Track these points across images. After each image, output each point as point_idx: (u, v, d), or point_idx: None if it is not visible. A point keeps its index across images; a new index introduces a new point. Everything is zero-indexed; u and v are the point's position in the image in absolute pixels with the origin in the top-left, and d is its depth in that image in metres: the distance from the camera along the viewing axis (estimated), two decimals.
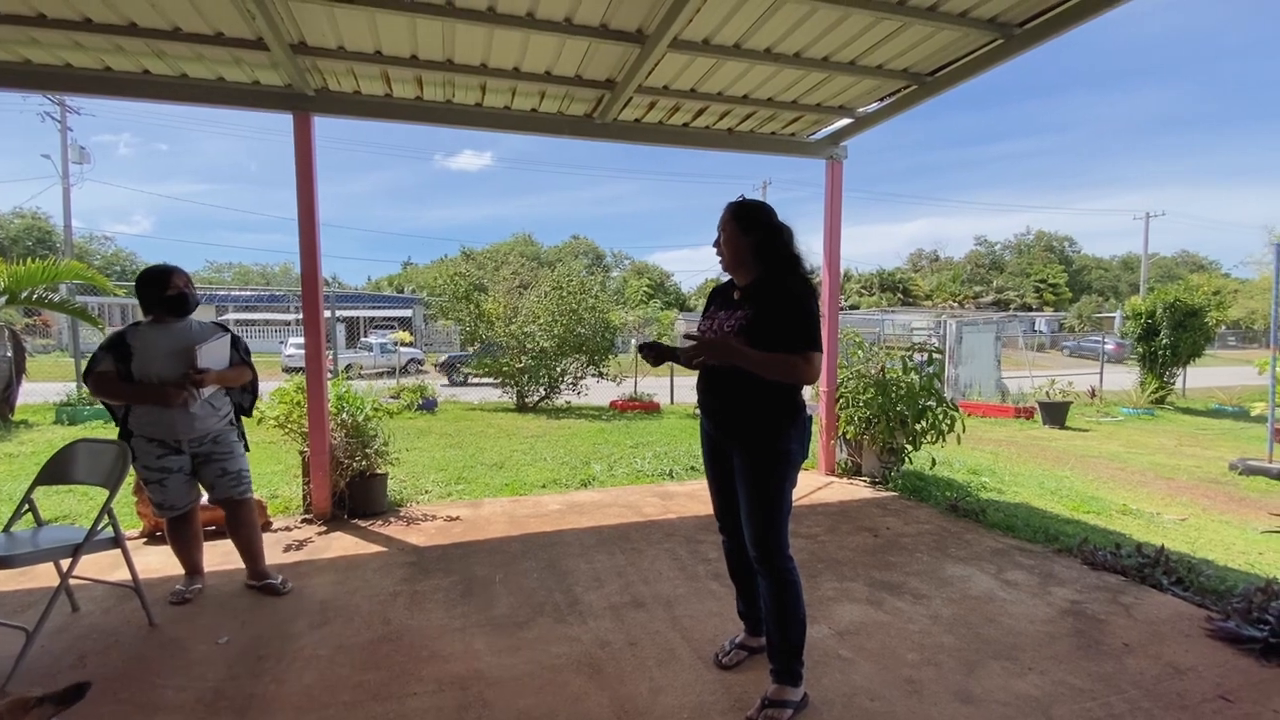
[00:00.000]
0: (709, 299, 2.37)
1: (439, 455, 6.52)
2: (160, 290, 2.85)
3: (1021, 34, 3.56)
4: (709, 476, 2.37)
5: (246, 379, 3.09)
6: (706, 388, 2.24)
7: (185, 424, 2.84)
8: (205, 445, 2.94)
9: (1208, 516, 5.05)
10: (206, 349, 2.85)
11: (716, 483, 2.34)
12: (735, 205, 2.22)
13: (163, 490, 2.89)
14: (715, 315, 2.25)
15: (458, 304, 11.61)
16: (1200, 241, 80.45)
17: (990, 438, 8.66)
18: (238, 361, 3.06)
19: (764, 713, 2.06)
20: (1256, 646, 2.50)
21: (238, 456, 3.05)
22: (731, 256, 2.20)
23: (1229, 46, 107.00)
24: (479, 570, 3.34)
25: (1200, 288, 13.56)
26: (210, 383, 2.87)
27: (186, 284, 2.93)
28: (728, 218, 2.21)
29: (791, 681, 2.11)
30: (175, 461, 2.88)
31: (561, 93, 4.34)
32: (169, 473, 2.87)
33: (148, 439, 2.83)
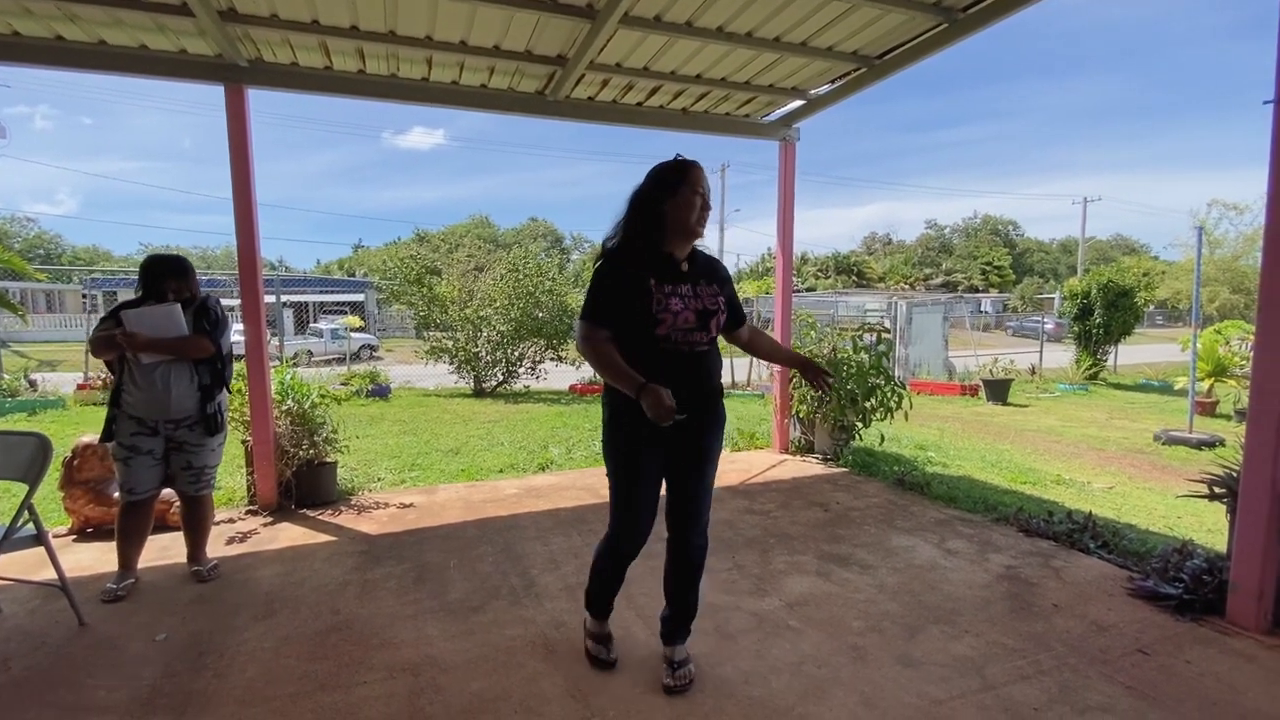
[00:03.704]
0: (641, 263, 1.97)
1: (392, 442, 6.38)
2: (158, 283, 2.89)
3: (964, 18, 3.63)
4: (647, 481, 2.05)
5: (205, 352, 2.89)
6: (691, 378, 2.00)
7: (162, 403, 2.80)
8: (180, 431, 2.87)
9: (1133, 484, 5.37)
10: (139, 313, 2.76)
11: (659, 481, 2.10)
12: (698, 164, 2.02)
13: (126, 469, 2.83)
14: (677, 288, 1.97)
15: (410, 288, 11.33)
16: (1133, 225, 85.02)
17: (937, 414, 8.99)
18: (202, 332, 2.90)
19: (679, 673, 2.13)
20: (1172, 603, 2.68)
21: (206, 452, 2.97)
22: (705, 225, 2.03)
23: (1163, 38, 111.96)
24: (433, 557, 3.29)
25: (1131, 269, 14.31)
26: (144, 348, 2.75)
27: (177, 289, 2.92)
28: (705, 177, 2.02)
29: (688, 637, 2.23)
30: (147, 443, 2.83)
31: (511, 68, 4.23)
32: (136, 453, 2.82)
33: (129, 416, 2.82)
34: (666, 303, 1.93)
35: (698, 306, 1.99)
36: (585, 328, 1.98)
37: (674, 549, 2.18)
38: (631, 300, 1.93)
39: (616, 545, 2.14)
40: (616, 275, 1.95)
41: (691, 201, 1.96)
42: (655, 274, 1.96)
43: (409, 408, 8.86)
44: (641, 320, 1.93)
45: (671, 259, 2.02)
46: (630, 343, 1.95)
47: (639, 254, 1.98)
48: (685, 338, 1.97)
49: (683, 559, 2.17)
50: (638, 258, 1.98)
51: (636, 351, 1.95)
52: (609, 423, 2.06)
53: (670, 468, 2.09)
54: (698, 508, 2.13)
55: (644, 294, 1.92)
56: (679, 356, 1.97)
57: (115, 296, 20.87)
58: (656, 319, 1.92)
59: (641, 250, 1.99)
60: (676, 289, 1.97)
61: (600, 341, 1.96)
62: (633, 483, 2.04)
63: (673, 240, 2.01)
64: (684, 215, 1.96)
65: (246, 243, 3.93)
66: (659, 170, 2.02)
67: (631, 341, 1.95)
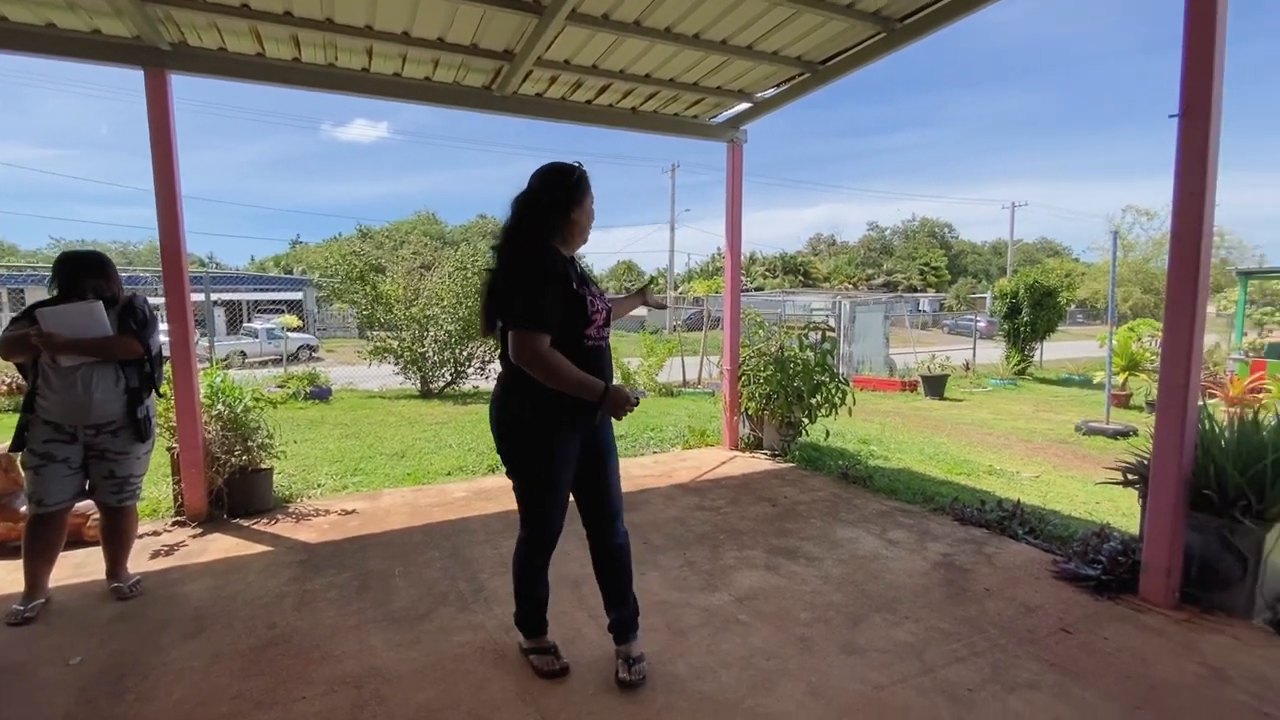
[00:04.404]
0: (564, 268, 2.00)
1: (334, 446, 6.15)
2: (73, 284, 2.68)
3: (902, 28, 3.77)
4: (562, 484, 2.08)
5: (133, 353, 2.71)
6: (608, 370, 2.08)
7: (83, 407, 2.62)
8: (103, 438, 2.69)
9: (1057, 473, 5.70)
10: (56, 312, 2.58)
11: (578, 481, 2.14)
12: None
13: (37, 479, 2.63)
14: (593, 291, 2.06)
15: (352, 285, 10.94)
16: (1057, 229, 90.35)
17: (879, 409, 9.31)
18: (129, 332, 2.71)
19: (635, 668, 2.14)
20: (1091, 583, 2.86)
21: (132, 460, 2.79)
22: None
23: (1083, 54, 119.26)
24: (376, 564, 3.19)
25: (1054, 271, 15.21)
26: (62, 349, 2.56)
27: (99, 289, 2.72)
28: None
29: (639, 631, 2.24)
30: (63, 450, 2.64)
31: (457, 62, 4.14)
32: (50, 460, 2.62)
33: (43, 421, 2.63)
34: (595, 303, 2.02)
35: (605, 305, 2.10)
36: (533, 338, 1.87)
37: (598, 552, 2.21)
38: (568, 304, 1.95)
39: (535, 551, 2.16)
40: (555, 280, 1.94)
41: (590, 211, 2.09)
42: (574, 278, 2.01)
43: (351, 410, 8.56)
44: (577, 323, 1.98)
45: (573, 263, 2.09)
46: (561, 346, 1.95)
47: (557, 259, 1.99)
48: (600, 334, 2.05)
49: (609, 560, 2.20)
50: (558, 262, 1.99)
51: (569, 353, 1.95)
52: (529, 426, 2.01)
53: (579, 468, 2.12)
54: (613, 506, 2.18)
55: (576, 296, 1.97)
56: (599, 352, 2.05)
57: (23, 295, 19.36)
58: (590, 319, 2.00)
59: (556, 255, 2.00)
60: (589, 290, 2.05)
61: (550, 351, 1.91)
62: (552, 486, 2.06)
63: (571, 245, 2.08)
64: (587, 223, 2.08)
65: (170, 237, 3.71)
66: (560, 177, 2.03)
67: (563, 345, 1.95)
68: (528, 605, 2.24)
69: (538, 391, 1.93)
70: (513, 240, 2.01)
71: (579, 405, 1.95)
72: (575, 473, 2.12)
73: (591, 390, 1.91)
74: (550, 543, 2.16)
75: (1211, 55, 2.41)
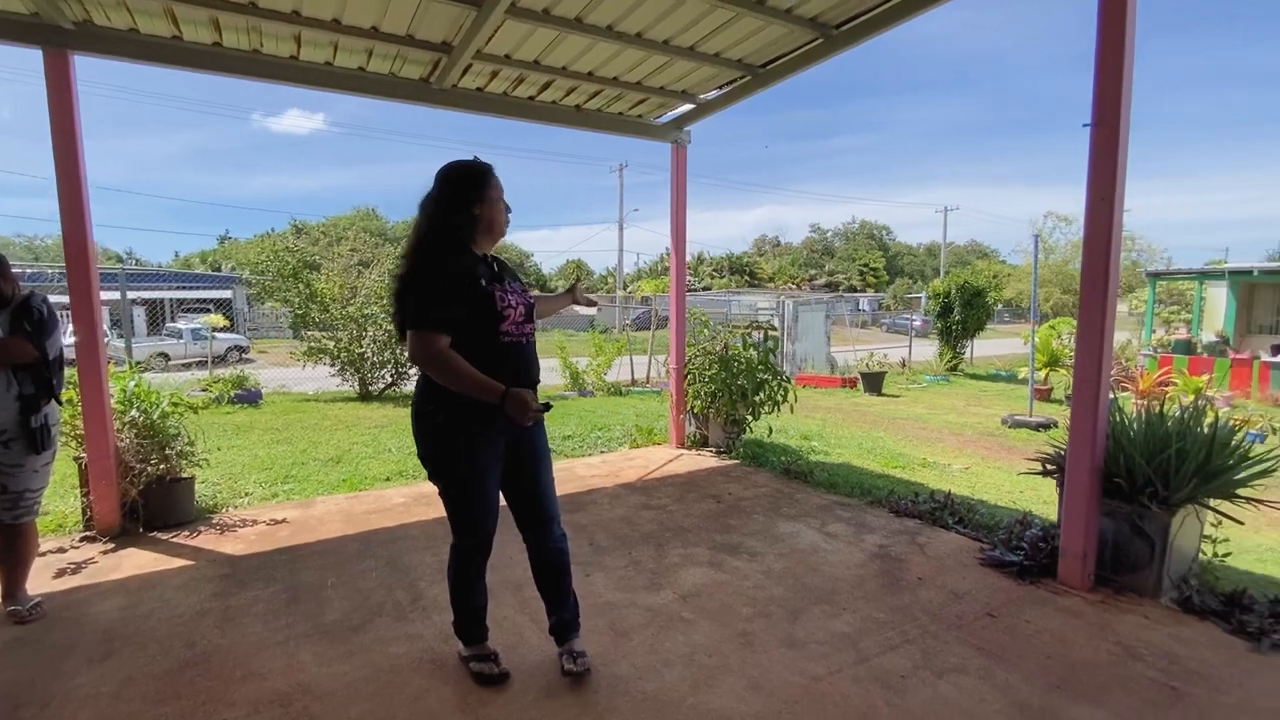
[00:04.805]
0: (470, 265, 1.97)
1: (263, 453, 5.86)
2: None
3: (838, 35, 3.87)
4: (487, 486, 2.03)
5: (26, 357, 2.49)
6: (529, 368, 2.05)
7: None
8: None
9: (985, 464, 5.99)
10: None
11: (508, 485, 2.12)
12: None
13: None
14: (508, 288, 2.03)
15: (284, 283, 10.44)
16: (986, 232, 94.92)
17: (821, 405, 9.56)
18: (21, 333, 2.49)
19: (580, 660, 2.15)
20: (1015, 569, 3.01)
21: (28, 473, 2.57)
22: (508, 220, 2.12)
23: (1009, 66, 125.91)
24: (308, 575, 3.05)
25: (983, 272, 16.01)
26: None
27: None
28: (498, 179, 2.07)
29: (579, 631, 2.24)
30: None
31: (392, 52, 4.00)
32: None
33: None
34: (507, 299, 1.98)
35: (523, 301, 2.06)
36: (425, 339, 1.84)
37: (536, 557, 2.19)
38: (472, 301, 1.91)
39: (467, 558, 2.11)
40: (451, 279, 1.89)
41: (496, 206, 2.02)
42: (484, 275, 1.97)
43: (284, 414, 8.17)
44: (486, 320, 1.93)
45: (487, 259, 2.05)
46: (472, 345, 1.91)
47: (465, 257, 1.96)
48: (519, 330, 2.02)
49: (547, 564, 2.19)
50: (466, 261, 1.96)
51: (479, 352, 1.91)
52: (443, 430, 1.97)
53: (508, 472, 2.10)
54: (547, 508, 2.17)
55: (484, 294, 1.93)
56: (518, 349, 2.01)
57: None
58: (502, 315, 1.96)
59: (465, 253, 1.98)
60: (503, 286, 2.02)
61: (446, 351, 1.87)
62: (475, 489, 2.02)
63: (482, 242, 2.04)
64: (493, 216, 2.02)
65: (75, 230, 3.44)
66: (460, 174, 2.01)
67: (473, 343, 1.92)
68: (464, 612, 2.18)
69: (451, 394, 1.90)
70: (415, 242, 1.99)
71: (496, 407, 1.90)
72: (505, 476, 2.10)
73: (491, 392, 1.86)
74: (482, 548, 2.11)
75: (1121, 71, 2.57)
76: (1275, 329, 13.56)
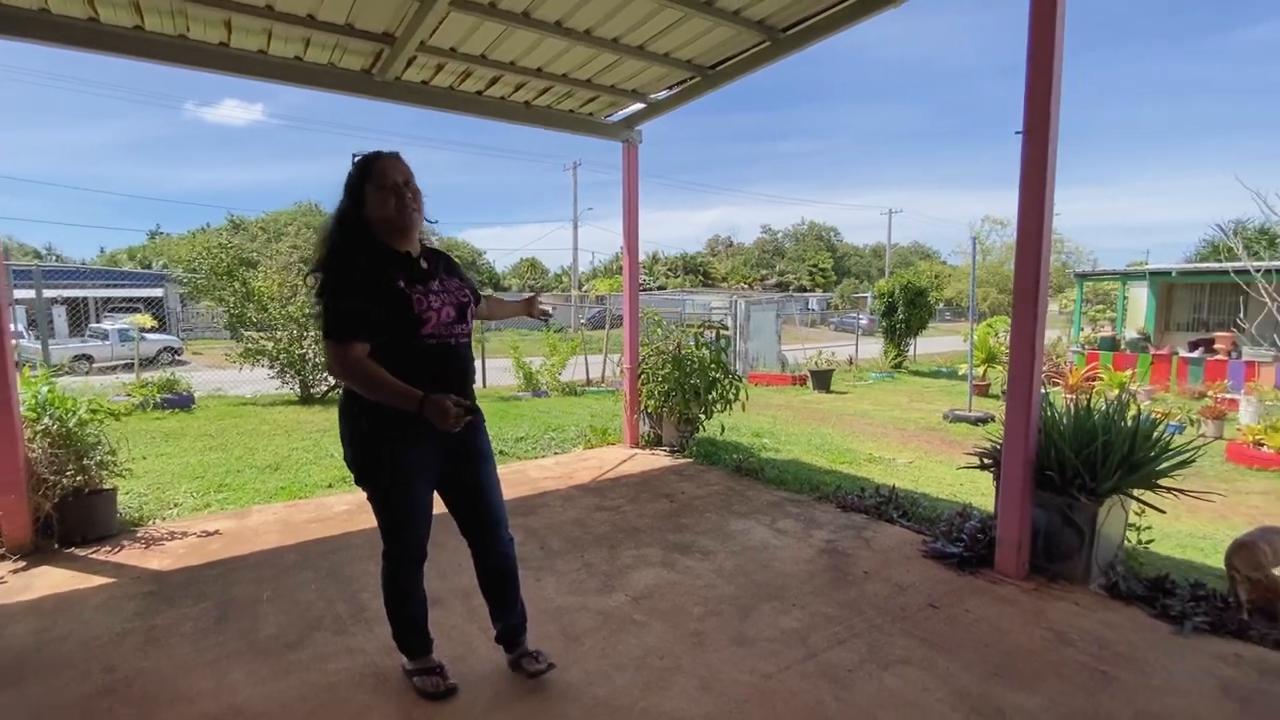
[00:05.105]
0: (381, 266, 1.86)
1: (195, 460, 5.55)
2: None
3: (785, 38, 3.92)
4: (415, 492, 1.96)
5: None
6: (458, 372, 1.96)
7: None
8: None
9: (928, 458, 6.20)
10: None
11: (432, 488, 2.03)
12: (396, 153, 1.95)
13: None
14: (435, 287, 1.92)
15: (220, 281, 9.94)
16: (928, 234, 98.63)
17: (771, 403, 9.72)
18: None
19: (541, 658, 2.15)
20: (955, 560, 3.11)
21: None
22: (421, 215, 1.95)
23: (948, 73, 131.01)
24: (241, 590, 2.90)
25: (925, 273, 16.61)
26: None
27: None
28: (406, 167, 1.93)
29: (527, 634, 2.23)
30: None
31: (331, 41, 3.84)
32: None
33: None
34: (427, 300, 1.88)
35: (454, 301, 1.96)
36: (336, 350, 1.79)
37: (482, 563, 2.14)
38: (387, 306, 1.82)
39: (399, 567, 2.04)
40: (362, 283, 1.82)
41: (382, 197, 1.88)
42: (399, 274, 1.87)
43: (218, 419, 7.78)
44: (404, 324, 1.84)
45: (408, 256, 1.94)
46: (393, 349, 1.85)
47: (374, 257, 1.87)
48: (448, 331, 1.93)
49: (494, 571, 2.14)
50: (376, 261, 1.86)
51: (401, 356, 1.85)
52: (368, 436, 1.90)
53: (447, 479, 2.04)
54: (491, 513, 2.11)
55: (399, 296, 1.84)
56: (445, 353, 1.92)
57: None
58: (422, 319, 1.86)
59: (374, 253, 1.88)
60: (429, 285, 1.92)
61: (362, 360, 1.80)
62: (403, 496, 1.95)
63: (395, 238, 1.92)
64: (381, 212, 1.89)
65: None
66: (352, 170, 1.94)
67: (394, 347, 1.85)
68: (402, 624, 2.10)
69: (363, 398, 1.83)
70: (321, 245, 1.93)
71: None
72: (445, 481, 2.04)
73: (408, 401, 1.78)
74: (414, 556, 2.03)
75: (1050, 82, 2.69)
76: (1192, 326, 14.53)
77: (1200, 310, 14.69)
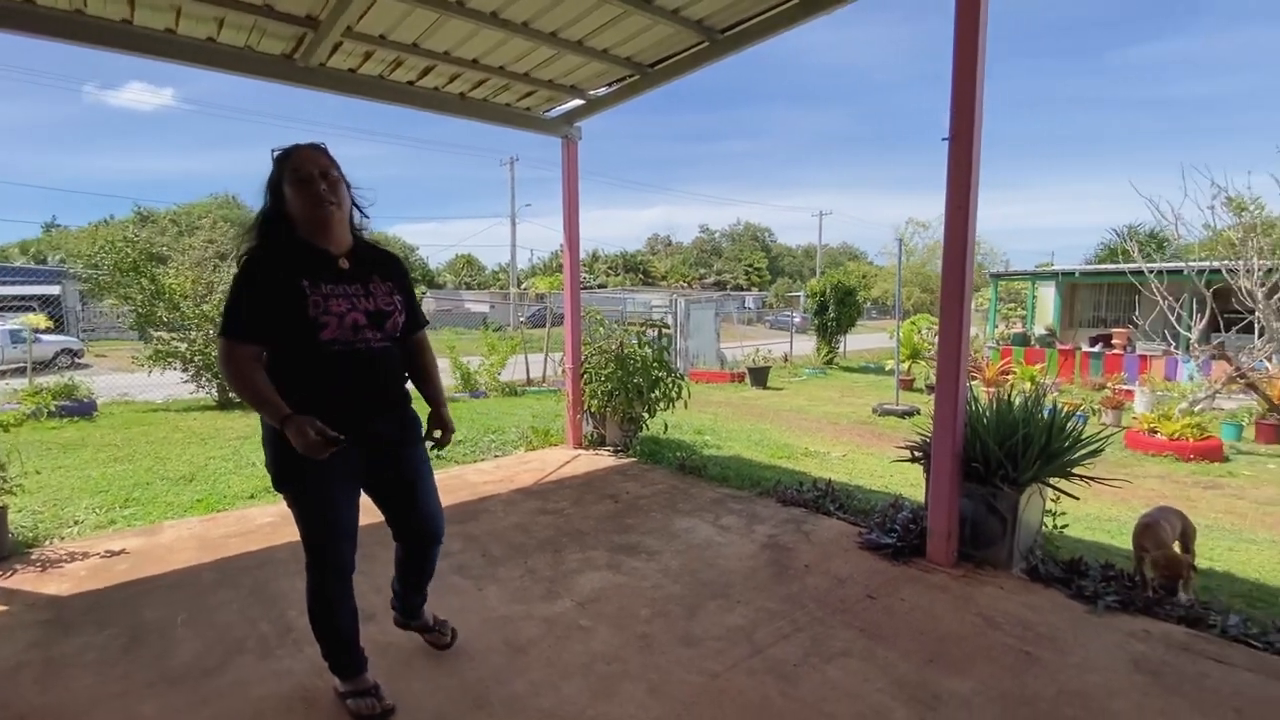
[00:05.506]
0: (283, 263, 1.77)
1: (97, 473, 5.11)
2: None
3: (723, 39, 3.96)
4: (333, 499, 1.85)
5: None
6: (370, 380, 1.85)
7: None
8: None
9: (860, 451, 6.43)
10: None
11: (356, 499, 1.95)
12: (316, 144, 1.86)
13: None
14: (338, 288, 1.81)
15: (125, 278, 9.19)
16: (856, 235, 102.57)
17: (712, 400, 9.85)
18: None
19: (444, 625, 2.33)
20: (889, 550, 3.23)
21: None
22: (341, 208, 1.84)
23: (875, 83, 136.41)
24: (152, 614, 2.67)
25: (854, 273, 17.27)
26: None
27: None
28: (325, 157, 1.83)
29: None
30: None
31: (248, 23, 3.60)
32: None
33: None
34: (326, 305, 1.76)
35: (368, 307, 1.85)
36: (223, 346, 1.75)
37: (406, 559, 2.19)
38: (283, 307, 1.73)
39: (322, 580, 1.93)
40: (260, 283, 1.75)
41: (299, 191, 1.79)
42: (308, 275, 1.77)
43: (124, 428, 7.18)
44: (300, 328, 1.74)
45: (326, 255, 1.84)
46: (292, 353, 1.77)
47: (283, 256, 1.79)
48: (357, 336, 1.82)
49: (416, 570, 2.20)
50: (282, 260, 1.78)
51: (301, 362, 1.77)
52: (278, 438, 1.76)
53: (379, 491, 2.01)
54: (431, 528, 2.11)
55: (297, 298, 1.73)
56: (353, 359, 1.81)
57: None
58: (319, 323, 1.75)
59: (287, 251, 1.80)
60: (338, 288, 1.81)
61: (244, 361, 1.73)
62: (321, 503, 1.85)
63: (310, 235, 1.83)
64: (294, 206, 1.80)
65: None
66: (271, 168, 1.86)
67: (293, 352, 1.77)
68: (332, 642, 1.99)
69: (292, 398, 1.74)
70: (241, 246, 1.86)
71: (343, 416, 1.77)
72: (377, 488, 2.00)
73: (273, 414, 1.70)
74: (338, 568, 1.92)
75: (974, 91, 2.81)
76: (1093, 323, 15.74)
77: (1100, 308, 15.92)
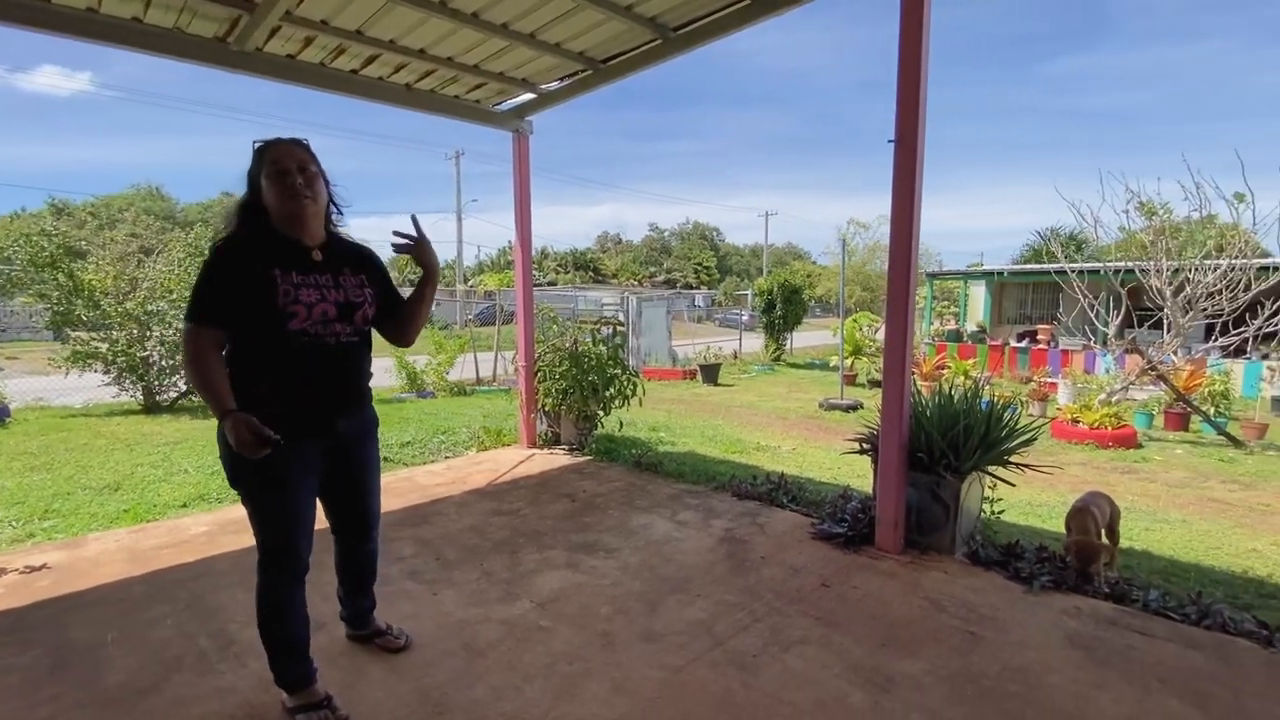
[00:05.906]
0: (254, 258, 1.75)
1: (12, 484, 4.72)
2: None
3: (675, 37, 3.98)
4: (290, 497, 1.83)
5: None
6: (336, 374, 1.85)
7: None
8: None
9: (809, 445, 6.60)
10: None
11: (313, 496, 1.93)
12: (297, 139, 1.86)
13: None
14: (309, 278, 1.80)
15: (39, 274, 8.52)
16: (801, 236, 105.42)
17: (665, 397, 9.92)
18: None
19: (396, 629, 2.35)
20: (841, 539, 3.32)
21: None
22: (316, 202, 1.84)
23: (817, 87, 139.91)
24: (79, 632, 2.49)
25: (799, 272, 17.71)
26: None
27: None
28: (304, 152, 1.83)
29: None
30: None
31: (178, 3, 3.39)
32: None
33: None
34: (296, 294, 1.76)
35: (338, 298, 1.85)
36: (187, 329, 1.73)
37: (344, 559, 2.22)
38: (251, 294, 1.72)
39: (274, 580, 1.88)
40: (229, 268, 1.74)
41: (275, 184, 1.79)
42: (280, 264, 1.77)
43: (41, 434, 6.67)
44: (268, 315, 1.73)
45: (299, 246, 1.84)
46: (259, 342, 1.76)
47: (257, 244, 1.79)
48: (326, 329, 1.81)
49: (355, 568, 2.23)
50: (255, 248, 1.78)
51: (267, 351, 1.77)
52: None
53: (326, 485, 1.98)
54: (366, 524, 2.16)
55: (267, 285, 1.73)
56: (320, 351, 1.81)
57: None
58: (287, 312, 1.74)
59: (260, 240, 1.80)
60: (309, 279, 1.81)
61: (204, 346, 1.70)
62: (277, 500, 1.83)
63: (285, 228, 1.83)
64: (270, 199, 1.81)
65: None
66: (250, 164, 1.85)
67: (260, 341, 1.76)
68: (281, 651, 1.91)
69: (248, 393, 1.72)
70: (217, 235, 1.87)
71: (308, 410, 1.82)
72: (326, 485, 1.97)
73: (215, 406, 1.68)
74: (292, 567, 1.87)
75: (918, 95, 2.92)
76: (1019, 320, 16.63)
77: (1026, 306, 16.85)
